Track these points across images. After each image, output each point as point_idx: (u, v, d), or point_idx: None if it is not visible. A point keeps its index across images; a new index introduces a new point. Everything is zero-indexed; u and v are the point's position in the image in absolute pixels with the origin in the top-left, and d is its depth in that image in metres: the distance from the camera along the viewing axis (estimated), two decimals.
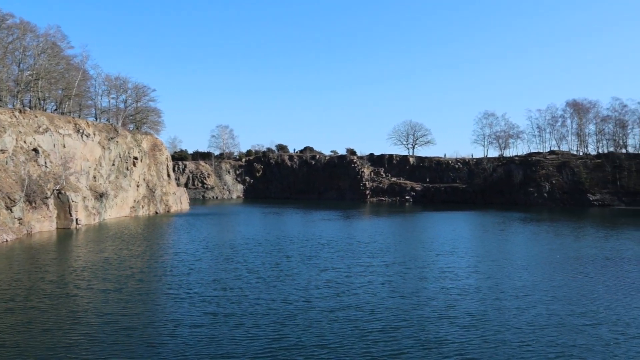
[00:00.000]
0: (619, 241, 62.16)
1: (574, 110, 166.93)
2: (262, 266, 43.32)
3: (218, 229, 73.45)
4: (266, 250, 52.85)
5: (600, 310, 29.75)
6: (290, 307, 29.92)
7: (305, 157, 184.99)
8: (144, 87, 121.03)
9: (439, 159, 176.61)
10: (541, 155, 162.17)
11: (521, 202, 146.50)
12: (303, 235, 65.65)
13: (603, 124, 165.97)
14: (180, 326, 26.12)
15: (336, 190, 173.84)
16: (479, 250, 53.92)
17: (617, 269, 43.34)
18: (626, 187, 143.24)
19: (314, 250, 53.15)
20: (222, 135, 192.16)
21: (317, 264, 44.79)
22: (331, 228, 76.08)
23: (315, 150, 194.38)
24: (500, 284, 37.07)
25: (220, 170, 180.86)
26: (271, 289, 34.59)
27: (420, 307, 30.26)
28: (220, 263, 44.81)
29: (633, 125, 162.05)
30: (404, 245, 57.50)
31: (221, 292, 33.77)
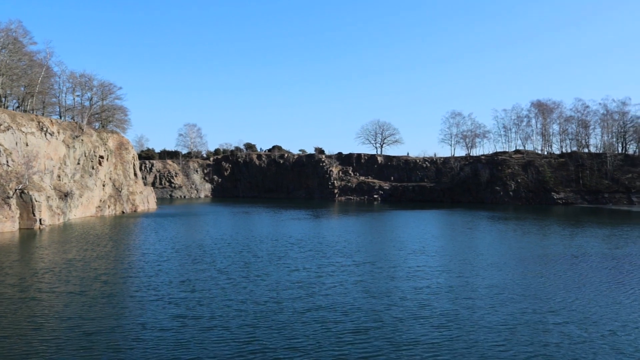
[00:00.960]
0: (584, 239, 63.16)
1: (539, 110, 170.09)
2: (232, 267, 42.63)
3: (186, 229, 72.39)
4: (235, 250, 52.15)
5: (571, 308, 29.93)
6: (260, 309, 29.38)
7: (274, 156, 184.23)
8: (110, 84, 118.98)
9: (407, 158, 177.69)
10: (507, 155, 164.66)
11: (488, 201, 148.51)
12: (272, 235, 65.12)
13: (566, 124, 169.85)
14: (147, 330, 25.38)
15: (305, 189, 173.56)
16: (449, 249, 54.11)
17: (584, 267, 43.83)
18: (588, 185, 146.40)
19: (283, 250, 52.64)
20: (189, 133, 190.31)
21: (287, 264, 44.31)
22: (300, 227, 75.71)
23: (283, 149, 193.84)
24: (471, 282, 37.14)
25: (188, 169, 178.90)
26: (241, 291, 33.99)
27: (392, 307, 30.00)
28: (188, 264, 43.97)
29: (595, 125, 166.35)
30: (374, 245, 57.41)
31: (190, 293, 33.03)
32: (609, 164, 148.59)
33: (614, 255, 50.43)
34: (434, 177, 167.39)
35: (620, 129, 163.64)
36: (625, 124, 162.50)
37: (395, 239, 62.83)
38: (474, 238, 64.58)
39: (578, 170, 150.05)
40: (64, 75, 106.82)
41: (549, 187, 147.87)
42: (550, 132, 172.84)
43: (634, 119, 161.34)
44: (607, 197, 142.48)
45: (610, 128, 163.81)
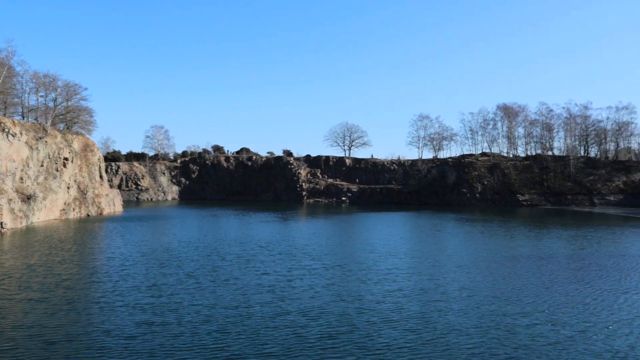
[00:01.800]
0: (550, 240, 64.04)
1: (505, 113, 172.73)
2: (200, 271, 41.89)
3: (153, 232, 71.15)
4: (203, 254, 51.34)
5: (541, 310, 30.13)
6: (230, 314, 28.83)
7: (242, 158, 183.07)
8: (75, 85, 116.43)
9: (375, 160, 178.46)
10: (473, 157, 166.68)
11: (454, 203, 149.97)
12: (241, 238, 64.41)
13: (531, 127, 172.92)
14: (112, 337, 24.60)
15: (273, 191, 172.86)
16: (418, 251, 54.19)
17: (552, 268, 44.26)
18: (552, 187, 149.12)
19: (252, 253, 51.98)
20: (156, 135, 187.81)
21: (257, 267, 43.72)
22: (269, 230, 75.14)
23: (251, 151, 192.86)
24: (442, 285, 37.15)
25: (155, 171, 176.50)
26: (209, 295, 33.35)
27: (364, 311, 29.75)
28: (155, 268, 43.04)
29: (558, 128, 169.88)
30: (343, 247, 57.22)
31: (157, 299, 32.27)
32: (571, 167, 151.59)
33: (580, 256, 51.19)
34: (402, 179, 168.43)
35: (582, 133, 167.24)
36: (587, 127, 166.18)
37: (364, 241, 62.79)
38: (442, 240, 64.93)
39: (542, 172, 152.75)
40: (27, 75, 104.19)
41: (514, 189, 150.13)
42: (516, 135, 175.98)
43: (595, 122, 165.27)
44: (570, 198, 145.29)
45: (573, 131, 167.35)
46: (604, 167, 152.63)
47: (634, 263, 47.52)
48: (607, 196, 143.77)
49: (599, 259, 49.90)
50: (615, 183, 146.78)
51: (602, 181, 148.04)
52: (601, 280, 39.23)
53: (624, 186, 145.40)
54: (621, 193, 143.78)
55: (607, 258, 50.38)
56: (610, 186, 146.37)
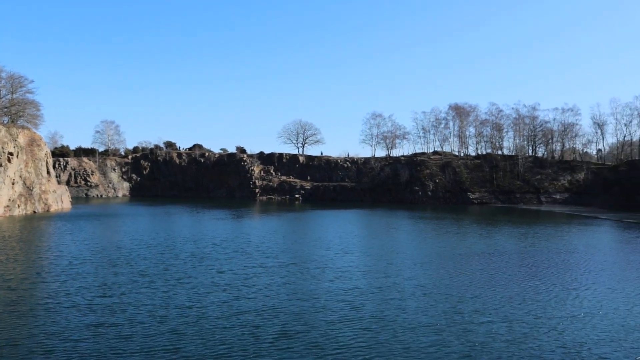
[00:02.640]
0: (501, 237, 65.34)
1: (456, 113, 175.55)
2: (152, 270, 40.79)
3: (103, 230, 69.24)
4: (156, 252, 50.06)
5: (496, 307, 30.49)
6: (184, 314, 28.11)
7: (194, 155, 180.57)
8: (20, 77, 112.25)
9: (328, 158, 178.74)
10: (426, 156, 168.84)
11: (407, 201, 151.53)
12: (194, 236, 63.27)
13: (482, 127, 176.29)
14: (58, 340, 23.58)
15: (225, 188, 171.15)
16: (374, 249, 54.37)
17: (504, 265, 45.03)
18: (501, 186, 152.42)
19: (206, 251, 51.06)
20: (107, 131, 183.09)
21: (211, 266, 42.90)
22: (223, 227, 74.17)
23: (204, 147, 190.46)
24: (398, 283, 37.21)
25: (105, 167, 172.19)
26: (162, 295, 32.46)
27: (321, 310, 29.50)
28: (106, 267, 41.70)
29: (508, 128, 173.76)
30: (299, 245, 56.90)
31: (107, 299, 31.20)
32: (520, 166, 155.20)
33: (530, 253, 52.31)
34: (355, 177, 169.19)
35: (530, 133, 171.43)
36: (535, 127, 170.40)
37: (319, 239, 62.63)
38: (397, 238, 65.39)
39: (492, 171, 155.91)
40: None
41: (465, 187, 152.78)
42: (467, 134, 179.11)
43: (542, 123, 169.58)
44: (518, 197, 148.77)
45: (522, 131, 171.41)
46: (551, 166, 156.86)
47: (581, 259, 48.88)
48: (554, 195, 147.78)
49: (549, 255, 51.13)
50: (561, 182, 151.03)
51: (549, 180, 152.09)
52: (552, 277, 40.11)
53: (569, 185, 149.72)
54: (566, 192, 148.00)
55: (556, 254, 51.69)
56: (556, 185, 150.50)
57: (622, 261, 48.58)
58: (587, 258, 50.02)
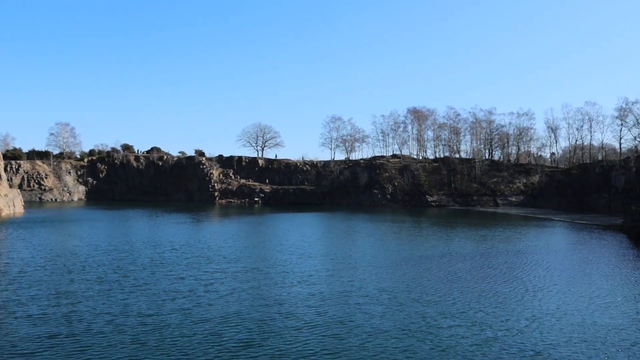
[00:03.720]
0: (462, 240, 65.90)
1: (415, 117, 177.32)
2: (110, 276, 39.51)
3: (58, 235, 67.01)
4: (114, 258, 48.60)
5: (462, 311, 30.50)
6: (145, 323, 27.20)
7: (152, 158, 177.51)
8: None
9: (288, 161, 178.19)
10: (384, 159, 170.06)
11: (366, 203, 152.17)
12: (153, 240, 61.80)
13: (440, 131, 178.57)
14: (11, 354, 22.49)
15: (184, 192, 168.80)
16: (337, 253, 54.00)
17: (466, 267, 45.27)
18: (459, 189, 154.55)
19: (166, 256, 49.86)
20: (62, 133, 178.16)
21: (171, 272, 41.87)
22: (182, 232, 72.81)
23: (162, 150, 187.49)
24: (363, 287, 36.93)
25: (60, 170, 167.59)
26: (122, 303, 31.40)
27: (287, 316, 28.99)
28: (60, 274, 40.21)
29: (465, 132, 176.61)
30: (260, 249, 56.19)
31: (63, 308, 29.97)
32: (477, 169, 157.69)
33: (492, 255, 52.82)
34: (314, 180, 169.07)
35: (487, 136, 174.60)
36: (491, 131, 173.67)
37: (281, 243, 62.05)
38: (358, 241, 65.31)
39: (450, 174, 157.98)
40: None
41: (424, 190, 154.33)
42: (425, 137, 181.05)
43: (498, 127, 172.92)
44: (475, 199, 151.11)
45: (479, 135, 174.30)
46: (507, 169, 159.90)
47: (540, 260, 49.68)
48: (510, 197, 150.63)
49: (509, 257, 51.80)
50: (517, 185, 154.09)
51: (505, 183, 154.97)
52: (514, 279, 40.47)
53: (524, 187, 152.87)
54: (522, 194, 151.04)
55: (516, 256, 52.35)
56: (512, 187, 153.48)
57: (579, 261, 49.57)
58: (546, 259, 50.91)
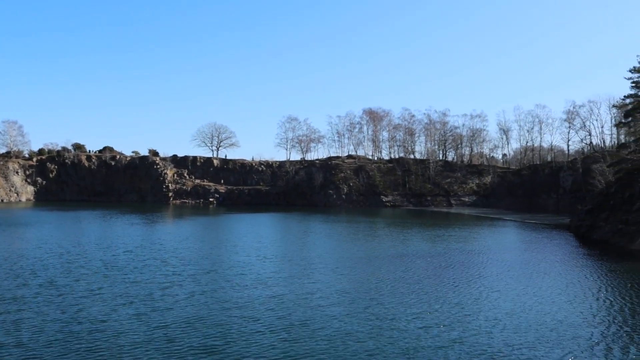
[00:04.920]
0: (419, 240, 66.64)
1: (370, 117, 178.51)
2: (61, 281, 38.14)
3: (4, 237, 64.41)
4: (64, 261, 46.95)
5: (428, 311, 30.65)
6: (98, 329, 26.29)
7: (105, 158, 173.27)
8: None
9: (243, 161, 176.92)
10: (340, 159, 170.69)
11: (321, 204, 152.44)
12: (106, 243, 60.06)
13: (395, 132, 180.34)
14: None
15: (137, 192, 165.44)
16: (294, 254, 53.74)
17: (425, 267, 45.65)
18: (413, 189, 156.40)
19: (120, 259, 48.51)
20: (9, 131, 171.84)
21: (126, 276, 40.74)
22: (136, 233, 71.19)
23: (115, 150, 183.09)
24: (324, 289, 36.77)
25: (7, 170, 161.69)
26: (73, 309, 30.30)
27: (246, 320, 28.55)
28: (7, 279, 38.53)
29: (420, 133, 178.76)
30: (217, 250, 55.37)
31: (10, 315, 28.72)
32: (431, 170, 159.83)
33: (449, 255, 53.49)
34: (270, 180, 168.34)
35: (441, 138, 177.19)
36: (445, 132, 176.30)
37: (237, 244, 61.33)
38: (315, 242, 65.21)
39: (404, 175, 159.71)
40: None
41: (379, 190, 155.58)
42: (380, 138, 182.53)
43: (452, 128, 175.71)
44: (429, 199, 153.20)
45: (433, 136, 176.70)
46: (460, 170, 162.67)
47: (496, 260, 50.72)
48: (463, 197, 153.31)
49: (466, 257, 52.60)
50: (469, 185, 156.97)
51: (458, 183, 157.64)
52: (472, 279, 41.04)
53: (477, 188, 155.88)
54: (474, 194, 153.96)
55: (472, 256, 53.18)
56: (465, 188, 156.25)
57: (532, 261, 50.60)
58: (500, 258, 51.99)
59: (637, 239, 60.27)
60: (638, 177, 69.34)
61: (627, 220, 65.17)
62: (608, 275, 43.50)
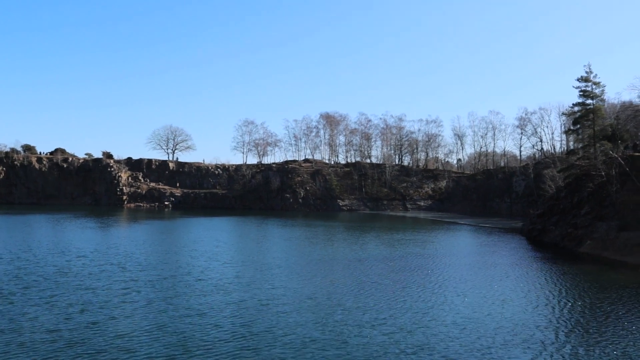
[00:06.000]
0: (378, 244, 67.14)
1: (327, 122, 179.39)
2: (10, 288, 36.60)
3: None
4: (14, 267, 45.12)
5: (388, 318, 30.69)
6: (53, 339, 25.33)
7: (56, 160, 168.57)
8: None
9: (200, 164, 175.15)
10: (297, 163, 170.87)
11: (278, 207, 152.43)
12: (58, 248, 58.07)
13: (351, 136, 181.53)
14: None
15: (91, 195, 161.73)
16: (254, 259, 53.23)
17: (386, 271, 45.80)
18: (370, 193, 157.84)
19: (74, 265, 47.00)
20: None
21: (80, 282, 39.40)
22: (91, 237, 69.24)
23: (67, 152, 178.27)
24: (286, 294, 36.49)
25: None
26: (24, 318, 29.08)
27: (208, 327, 28.00)
28: None
29: (376, 138, 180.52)
30: (175, 255, 54.40)
31: None
32: (387, 174, 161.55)
33: (409, 259, 53.97)
34: (226, 184, 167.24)
35: (397, 142, 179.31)
36: (401, 137, 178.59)
37: (195, 248, 60.35)
38: (274, 246, 64.84)
39: (361, 179, 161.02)
40: None
41: (335, 194, 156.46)
42: (337, 142, 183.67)
43: (408, 133, 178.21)
44: (385, 203, 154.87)
45: (389, 141, 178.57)
46: (416, 174, 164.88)
47: (453, 263, 51.37)
48: (418, 201, 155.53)
49: (426, 261, 53.25)
50: (425, 190, 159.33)
51: (414, 188, 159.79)
52: (433, 283, 41.39)
53: (432, 192, 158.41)
54: (430, 199, 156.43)
55: (431, 259, 53.74)
56: (420, 192, 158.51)
57: (489, 265, 51.47)
58: (458, 262, 52.82)
59: (585, 242, 62.24)
60: (586, 182, 71.61)
61: (576, 224, 67.23)
62: (561, 279, 44.77)
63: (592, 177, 70.00)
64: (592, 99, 76.45)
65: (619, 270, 48.80)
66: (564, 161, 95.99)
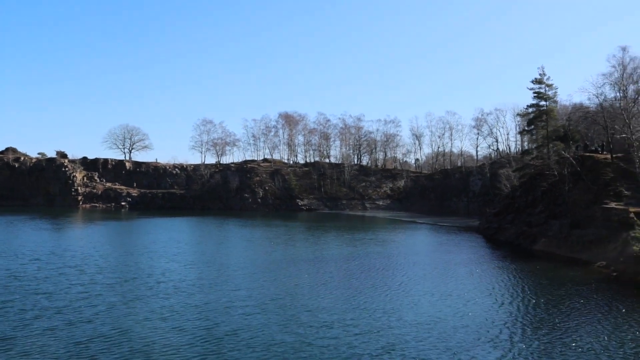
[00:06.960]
0: (338, 243, 67.30)
1: (286, 121, 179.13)
2: None
3: None
4: None
5: (356, 319, 30.84)
6: (7, 347, 24.63)
7: (7, 159, 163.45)
8: None
9: (157, 164, 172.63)
10: (256, 163, 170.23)
11: (237, 207, 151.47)
12: (10, 250, 56.35)
13: (310, 136, 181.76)
14: None
15: (44, 196, 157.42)
16: (215, 259, 52.79)
17: (349, 271, 46.21)
18: (329, 193, 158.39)
19: (28, 268, 45.63)
20: None
21: (35, 287, 38.17)
22: (45, 239, 67.22)
23: (19, 151, 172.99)
24: (253, 296, 36.26)
25: None
26: None
27: (172, 331, 27.67)
28: None
29: (335, 137, 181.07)
30: (133, 257, 53.41)
31: None
32: (346, 174, 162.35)
33: (370, 258, 54.32)
34: (184, 184, 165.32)
35: (356, 142, 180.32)
36: (360, 137, 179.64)
37: (154, 250, 59.32)
38: (235, 247, 64.41)
39: (320, 178, 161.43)
40: None
41: (294, 194, 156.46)
42: (296, 142, 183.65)
43: (367, 133, 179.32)
44: (344, 203, 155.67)
45: (348, 141, 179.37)
46: (374, 174, 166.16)
47: (416, 262, 52.01)
48: (377, 201, 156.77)
49: (388, 261, 53.63)
50: (384, 189, 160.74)
51: (372, 187, 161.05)
52: (398, 283, 41.74)
53: (391, 192, 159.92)
54: (388, 198, 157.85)
55: (390, 258, 54.20)
56: (379, 192, 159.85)
57: (450, 264, 52.17)
58: (421, 261, 53.54)
59: (539, 240, 63.88)
60: (540, 181, 73.50)
61: (530, 223, 68.96)
62: (520, 276, 46.11)
63: (546, 177, 71.85)
64: (545, 101, 78.50)
65: (573, 267, 50.23)
66: (519, 161, 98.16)
